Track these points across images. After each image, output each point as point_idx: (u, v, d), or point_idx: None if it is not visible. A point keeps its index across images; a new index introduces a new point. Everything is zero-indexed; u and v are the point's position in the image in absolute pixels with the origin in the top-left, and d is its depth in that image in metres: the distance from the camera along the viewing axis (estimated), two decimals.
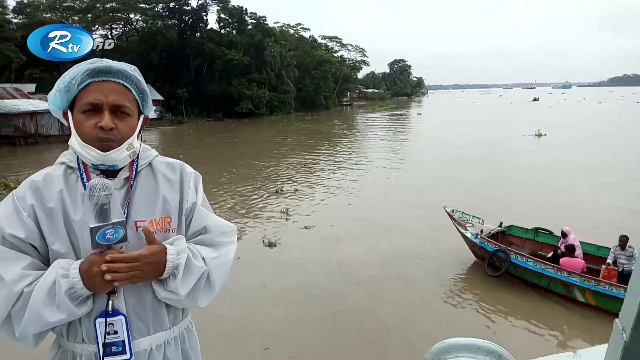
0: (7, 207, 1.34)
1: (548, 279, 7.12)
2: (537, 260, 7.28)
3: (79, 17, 54.28)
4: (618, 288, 6.27)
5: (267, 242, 9.67)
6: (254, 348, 5.79)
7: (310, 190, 15.24)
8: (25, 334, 1.28)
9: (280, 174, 18.42)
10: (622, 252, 6.95)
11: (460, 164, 19.39)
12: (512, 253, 7.57)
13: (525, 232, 8.90)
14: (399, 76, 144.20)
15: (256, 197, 14.38)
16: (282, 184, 16.08)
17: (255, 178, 17.65)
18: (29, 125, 30.43)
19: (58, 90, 1.37)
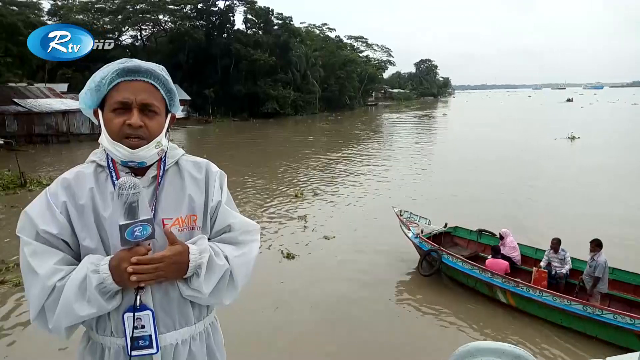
0: (40, 204, 1.39)
1: (475, 280, 7.13)
2: (464, 261, 7.28)
3: (110, 19, 55.57)
4: (534, 290, 6.30)
5: (286, 253, 8.93)
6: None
7: (330, 195, 14.56)
8: (58, 326, 1.33)
9: (300, 176, 17.99)
10: (555, 256, 7.09)
11: (486, 169, 18.42)
12: (443, 253, 7.57)
13: (470, 234, 8.94)
14: (425, 76, 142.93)
15: (275, 200, 13.89)
16: (302, 188, 15.49)
17: (275, 179, 17.27)
18: (61, 123, 31.22)
19: (89, 90, 1.41)
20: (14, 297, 7.15)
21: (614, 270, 6.70)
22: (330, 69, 70.59)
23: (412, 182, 16.47)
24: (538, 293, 6.19)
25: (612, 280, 6.62)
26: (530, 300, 6.29)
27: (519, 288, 6.43)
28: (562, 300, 5.94)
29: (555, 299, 5.97)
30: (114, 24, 55.90)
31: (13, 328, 6.25)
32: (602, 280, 6.38)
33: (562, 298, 5.96)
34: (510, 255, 7.77)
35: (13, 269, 8.14)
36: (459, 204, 12.84)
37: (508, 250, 7.82)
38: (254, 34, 59.43)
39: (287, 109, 57.09)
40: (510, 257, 7.74)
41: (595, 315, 5.57)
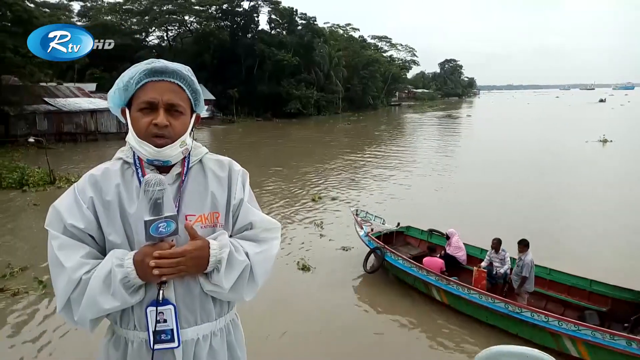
0: (68, 199, 1.43)
1: (413, 278, 7.18)
2: (405, 259, 7.35)
3: (137, 19, 56.69)
4: (463, 288, 6.36)
5: (302, 265, 8.33)
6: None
7: (347, 201, 13.67)
8: (83, 318, 1.37)
9: (319, 178, 17.40)
10: (496, 255, 7.19)
11: (511, 175, 17.35)
12: (387, 251, 7.62)
13: (421, 234, 9.07)
14: (449, 76, 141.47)
15: (292, 204, 13.36)
16: (320, 191, 14.94)
17: (292, 181, 16.80)
18: (89, 122, 31.93)
19: (117, 89, 1.45)
20: (8, 309, 6.74)
21: (551, 272, 6.91)
22: (354, 68, 70.46)
23: (432, 188, 15.50)
24: (466, 291, 6.30)
25: (549, 281, 6.85)
26: (460, 298, 6.39)
27: (450, 286, 6.53)
28: (487, 298, 6.05)
29: (481, 296, 6.10)
30: (141, 25, 56.97)
31: None
32: (529, 280, 6.54)
33: (487, 296, 6.07)
34: (455, 254, 7.83)
35: (17, 274, 7.95)
36: (481, 212, 12.07)
37: (453, 249, 7.87)
38: (278, 34, 59.78)
39: (309, 109, 57.22)
40: (455, 256, 7.81)
41: (515, 313, 5.69)
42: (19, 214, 12.24)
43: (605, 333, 4.87)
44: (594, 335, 4.91)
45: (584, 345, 5.02)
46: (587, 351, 5.03)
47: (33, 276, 7.63)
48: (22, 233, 10.43)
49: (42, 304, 6.88)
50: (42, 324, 6.29)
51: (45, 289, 7.22)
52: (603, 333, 4.87)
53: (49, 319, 6.38)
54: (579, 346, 5.09)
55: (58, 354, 5.60)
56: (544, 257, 7.26)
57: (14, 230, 10.64)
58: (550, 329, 5.28)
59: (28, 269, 8.12)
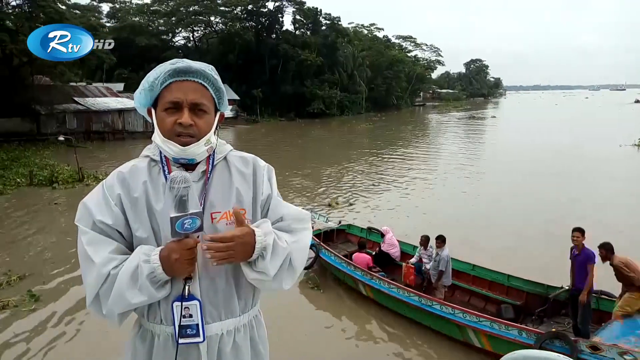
0: (97, 195, 1.47)
1: (343, 273, 7.34)
2: (336, 255, 7.55)
3: (164, 20, 57.61)
4: (384, 282, 6.57)
5: (313, 284, 7.80)
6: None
7: (364, 207, 13.08)
8: (111, 312, 1.40)
9: (335, 182, 16.90)
10: (425, 252, 7.40)
11: (536, 182, 16.09)
12: (321, 248, 7.84)
13: (361, 232, 9.32)
14: (475, 76, 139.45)
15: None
16: (336, 195, 14.41)
17: (308, 184, 16.49)
18: (117, 121, 32.60)
19: (143, 90, 1.48)
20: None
21: (474, 267, 7.23)
22: (378, 69, 70.15)
23: (454, 196, 14.53)
24: (386, 285, 6.51)
25: (473, 276, 7.18)
26: (381, 292, 6.58)
27: (374, 280, 6.71)
28: (403, 292, 6.28)
29: (399, 290, 6.33)
30: (168, 26, 57.90)
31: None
32: (446, 274, 6.83)
33: (404, 290, 6.31)
34: (389, 251, 8.13)
35: (14, 284, 7.58)
36: (504, 223, 11.22)
37: (387, 246, 8.17)
38: (302, 35, 59.96)
39: (333, 109, 57.22)
40: (389, 252, 8.11)
41: (426, 306, 5.92)
42: (37, 213, 12.34)
43: (501, 324, 5.19)
44: (492, 327, 5.21)
45: (486, 336, 5.29)
46: (489, 341, 5.31)
47: (28, 289, 7.29)
48: (35, 234, 10.39)
49: (27, 320, 6.41)
50: (22, 343, 5.80)
51: (36, 304, 6.87)
52: (499, 324, 5.19)
53: (33, 340, 5.89)
54: (481, 337, 5.38)
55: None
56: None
57: (27, 231, 10.68)
58: (456, 321, 5.53)
59: (27, 277, 7.84)
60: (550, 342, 4.75)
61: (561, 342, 4.70)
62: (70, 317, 6.51)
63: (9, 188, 15.22)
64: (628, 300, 5.29)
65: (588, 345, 4.54)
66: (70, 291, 7.36)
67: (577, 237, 5.74)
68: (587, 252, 5.68)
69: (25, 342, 5.83)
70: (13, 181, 16.05)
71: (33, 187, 15.69)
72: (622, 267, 5.32)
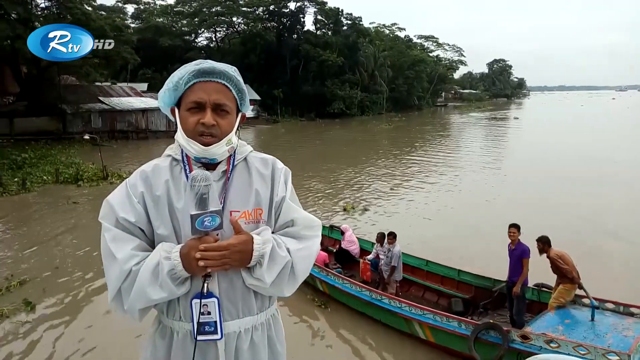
0: (120, 193, 1.51)
1: None
2: None
3: (187, 21, 58.39)
4: (337, 278, 6.71)
5: (320, 302, 7.04)
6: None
7: (381, 214, 12.36)
8: (132, 308, 1.43)
9: (351, 184, 16.43)
10: (381, 249, 7.49)
11: (558, 190, 14.82)
12: None
13: (323, 230, 9.37)
14: (498, 77, 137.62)
15: (321, 212, 12.29)
16: (352, 200, 13.84)
17: (323, 186, 16.06)
18: (141, 121, 33.14)
19: (167, 90, 1.51)
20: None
21: (428, 263, 7.46)
22: (399, 69, 69.79)
23: (473, 203, 13.54)
24: (340, 281, 6.63)
25: (426, 272, 7.40)
26: (335, 288, 6.69)
27: (328, 277, 6.83)
28: (355, 287, 6.40)
29: (351, 286, 6.44)
30: (191, 26, 58.64)
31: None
32: (397, 269, 7.01)
33: (356, 286, 6.42)
34: (348, 248, 8.33)
35: (14, 289, 7.27)
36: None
37: (347, 244, 8.37)
38: (324, 35, 60.00)
39: (353, 109, 57.18)
40: (348, 249, 8.31)
41: (376, 300, 6.07)
42: (55, 214, 12.33)
43: (442, 316, 5.41)
44: (435, 319, 5.44)
45: (429, 328, 5.50)
46: (432, 333, 5.52)
47: (25, 297, 6.90)
48: (46, 235, 10.33)
49: (18, 333, 5.98)
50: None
51: (30, 313, 6.50)
52: (441, 316, 5.41)
53: (20, 354, 5.50)
54: (425, 329, 5.57)
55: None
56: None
57: (40, 231, 10.67)
58: (403, 315, 5.73)
59: (27, 282, 7.58)
60: (485, 332, 5.01)
61: (495, 332, 4.94)
62: (61, 331, 6.07)
63: (36, 185, 15.63)
64: (561, 292, 5.63)
65: (519, 335, 4.82)
66: (68, 302, 6.99)
67: (514, 233, 6.12)
68: (521, 246, 6.04)
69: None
70: (40, 179, 16.47)
71: (59, 184, 16.08)
72: (557, 260, 5.63)
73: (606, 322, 5.16)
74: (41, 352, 5.58)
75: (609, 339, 4.72)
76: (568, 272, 5.54)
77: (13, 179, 16.02)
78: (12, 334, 5.98)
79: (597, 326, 5.07)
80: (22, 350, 5.61)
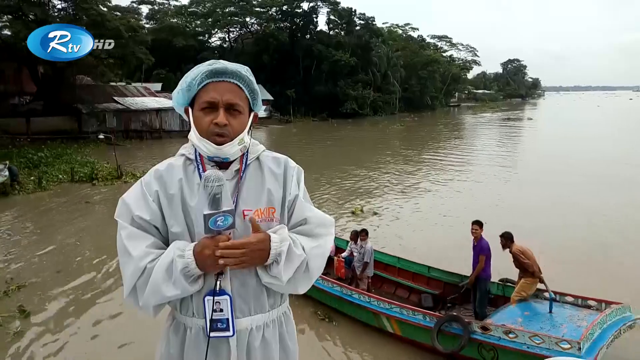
0: (135, 192, 1.54)
1: None
2: None
3: (201, 22, 58.78)
4: None
5: (323, 314, 6.62)
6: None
7: (391, 220, 11.91)
8: (147, 304, 1.46)
9: (360, 187, 16.02)
10: (355, 246, 7.61)
11: (575, 196, 14.02)
12: None
13: None
14: (512, 77, 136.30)
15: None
16: (361, 202, 13.45)
17: (331, 188, 15.69)
18: (155, 120, 33.44)
19: (181, 90, 1.54)
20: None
21: (399, 260, 7.67)
22: (412, 69, 69.51)
23: (483, 207, 12.54)
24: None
25: (398, 269, 7.60)
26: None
27: None
28: (327, 283, 6.56)
29: (323, 282, 6.55)
30: (204, 27, 59.04)
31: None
32: (369, 265, 7.18)
33: (328, 282, 6.58)
34: None
35: (12, 294, 7.04)
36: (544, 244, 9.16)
37: None
38: (336, 35, 60.01)
39: (365, 109, 57.03)
40: None
41: (347, 295, 6.27)
42: (65, 214, 12.35)
43: (408, 310, 5.63)
44: (401, 313, 5.66)
45: (396, 322, 5.71)
46: (399, 327, 5.73)
47: (22, 303, 6.66)
48: (54, 236, 10.26)
49: (6, 342, 5.71)
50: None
51: (24, 321, 6.22)
52: (407, 310, 5.64)
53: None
54: (392, 323, 5.77)
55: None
56: None
57: (48, 231, 10.70)
58: (372, 309, 5.92)
59: (26, 287, 7.33)
60: (448, 324, 5.21)
61: (457, 324, 5.14)
62: (54, 342, 5.82)
63: (52, 184, 15.87)
64: (523, 286, 5.85)
65: (479, 326, 5.07)
66: (65, 310, 6.70)
67: (476, 230, 6.43)
68: (482, 243, 6.34)
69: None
70: (55, 177, 16.71)
71: (74, 183, 16.29)
72: (519, 255, 5.84)
73: (563, 314, 5.43)
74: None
75: (564, 329, 4.99)
76: (529, 267, 5.77)
77: (30, 177, 16.27)
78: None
79: (554, 317, 5.33)
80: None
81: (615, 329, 4.93)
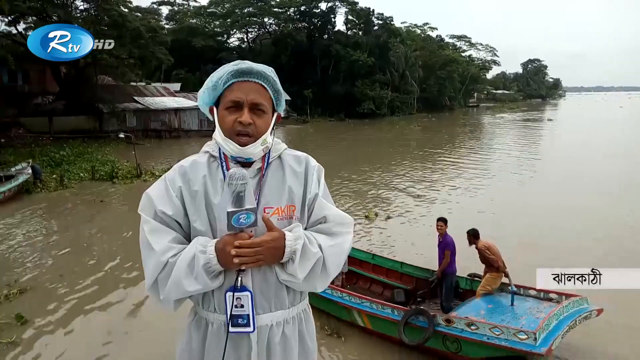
0: (159, 187, 1.57)
1: None
2: None
3: (220, 22, 59.20)
4: None
5: (331, 329, 6.17)
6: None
7: (405, 220, 11.69)
8: (168, 298, 1.49)
9: (373, 190, 15.58)
10: None
11: (597, 200, 13.30)
12: None
13: None
14: (532, 77, 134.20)
15: None
16: (375, 206, 13.06)
17: (345, 191, 15.33)
18: (173, 120, 33.79)
19: (207, 89, 1.57)
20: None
21: (374, 257, 7.81)
22: (430, 69, 68.95)
23: (499, 213, 12.15)
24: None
25: (373, 265, 7.71)
26: None
27: None
28: None
29: None
30: (223, 27, 59.46)
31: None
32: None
33: None
34: None
35: (13, 298, 6.78)
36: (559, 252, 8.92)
37: None
38: (354, 35, 59.88)
39: (383, 110, 56.75)
40: None
41: (323, 292, 6.27)
42: (77, 214, 12.30)
43: (377, 304, 5.81)
44: (371, 307, 5.82)
45: (366, 316, 5.87)
46: (369, 320, 5.89)
47: (21, 309, 6.39)
48: (59, 237, 10.13)
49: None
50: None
51: (21, 330, 5.94)
52: (376, 304, 5.81)
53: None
54: (363, 317, 5.93)
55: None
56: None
57: (54, 230, 10.70)
58: (344, 304, 6.06)
59: (28, 291, 7.10)
60: (415, 317, 5.39)
61: (423, 317, 5.32)
62: (52, 350, 5.60)
63: (73, 182, 16.16)
64: (488, 280, 6.03)
65: (444, 319, 5.25)
66: (63, 317, 6.44)
67: (441, 226, 6.61)
68: (446, 239, 6.54)
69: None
70: (77, 176, 17.03)
71: (95, 181, 16.56)
72: (484, 250, 6.03)
73: (524, 307, 5.63)
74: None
75: (523, 321, 5.20)
76: (494, 262, 5.97)
77: (52, 175, 16.58)
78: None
79: (515, 310, 5.56)
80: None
81: (571, 320, 5.16)
